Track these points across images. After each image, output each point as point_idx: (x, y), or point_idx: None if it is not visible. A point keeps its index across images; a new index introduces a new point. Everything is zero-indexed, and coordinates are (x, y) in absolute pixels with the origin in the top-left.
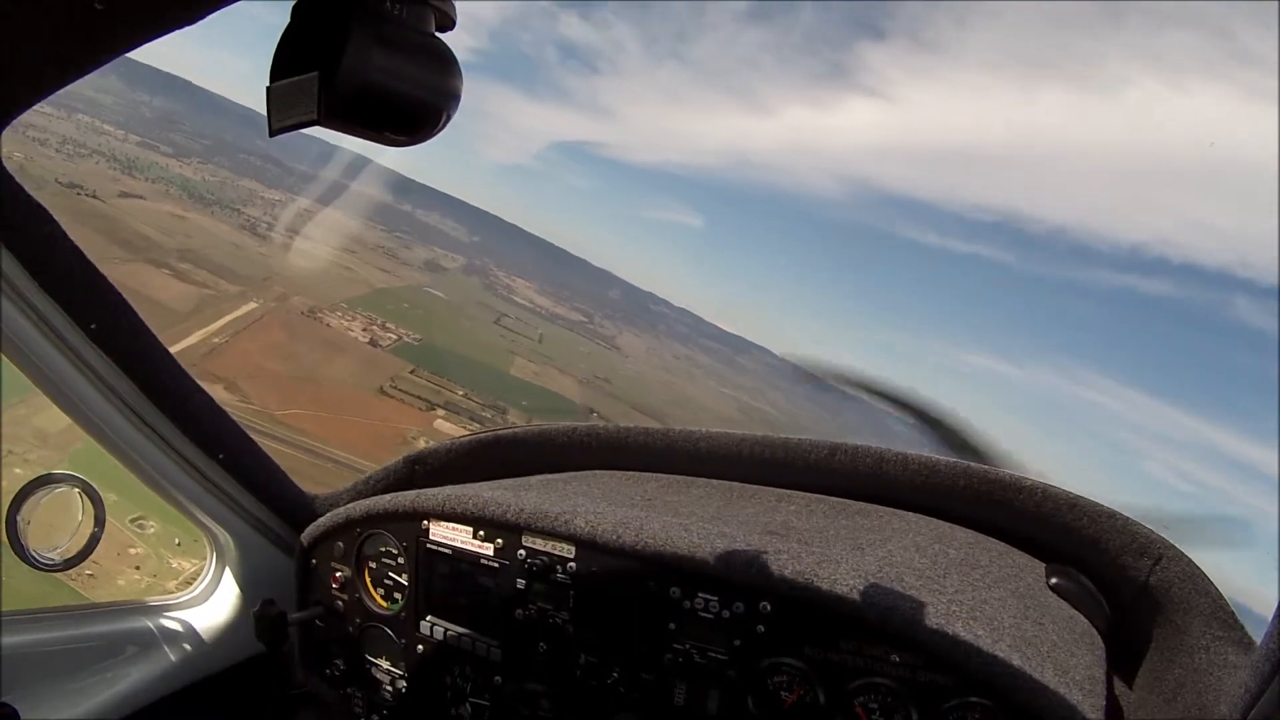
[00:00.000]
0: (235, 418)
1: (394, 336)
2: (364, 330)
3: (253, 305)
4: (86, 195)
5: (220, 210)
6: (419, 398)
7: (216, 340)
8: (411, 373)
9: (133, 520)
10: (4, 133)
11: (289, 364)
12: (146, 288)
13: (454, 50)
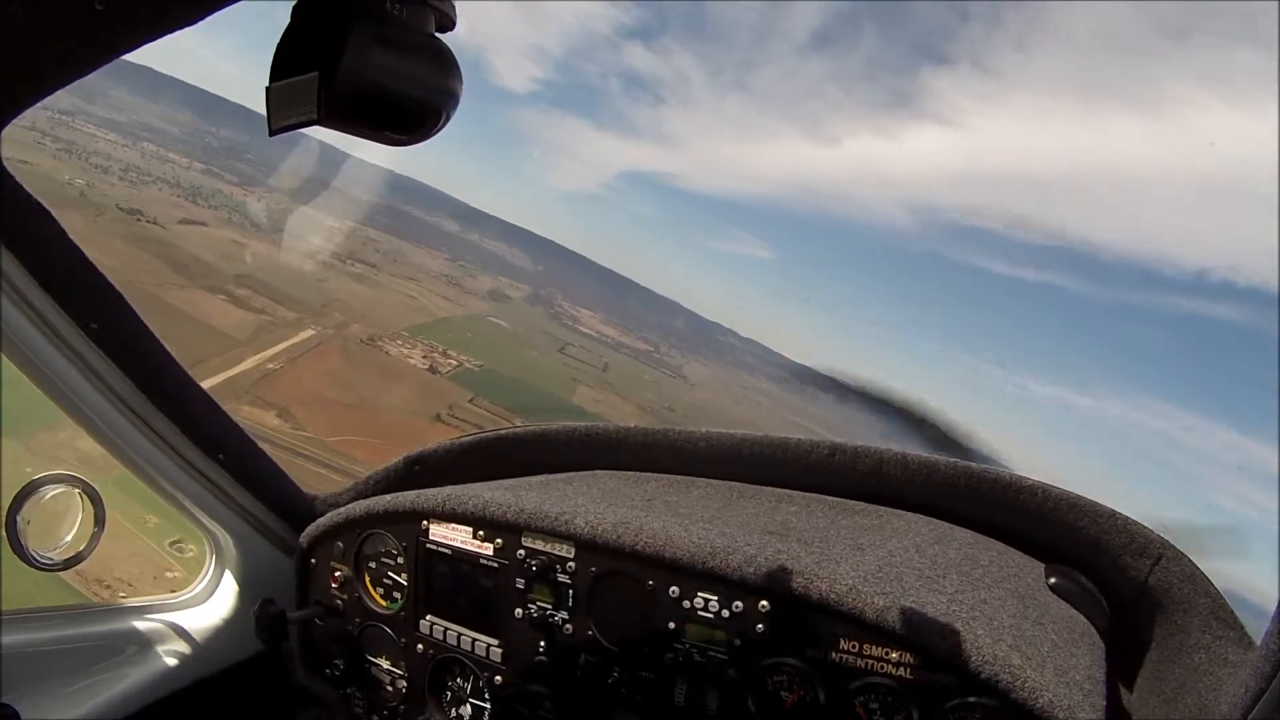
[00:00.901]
0: (235, 418)
1: (454, 364)
2: (424, 358)
3: (310, 332)
4: (147, 221)
5: (281, 237)
6: (477, 427)
7: (271, 366)
8: (470, 401)
9: (172, 544)
10: (4, 132)
11: (344, 391)
12: (201, 313)
13: (455, 52)
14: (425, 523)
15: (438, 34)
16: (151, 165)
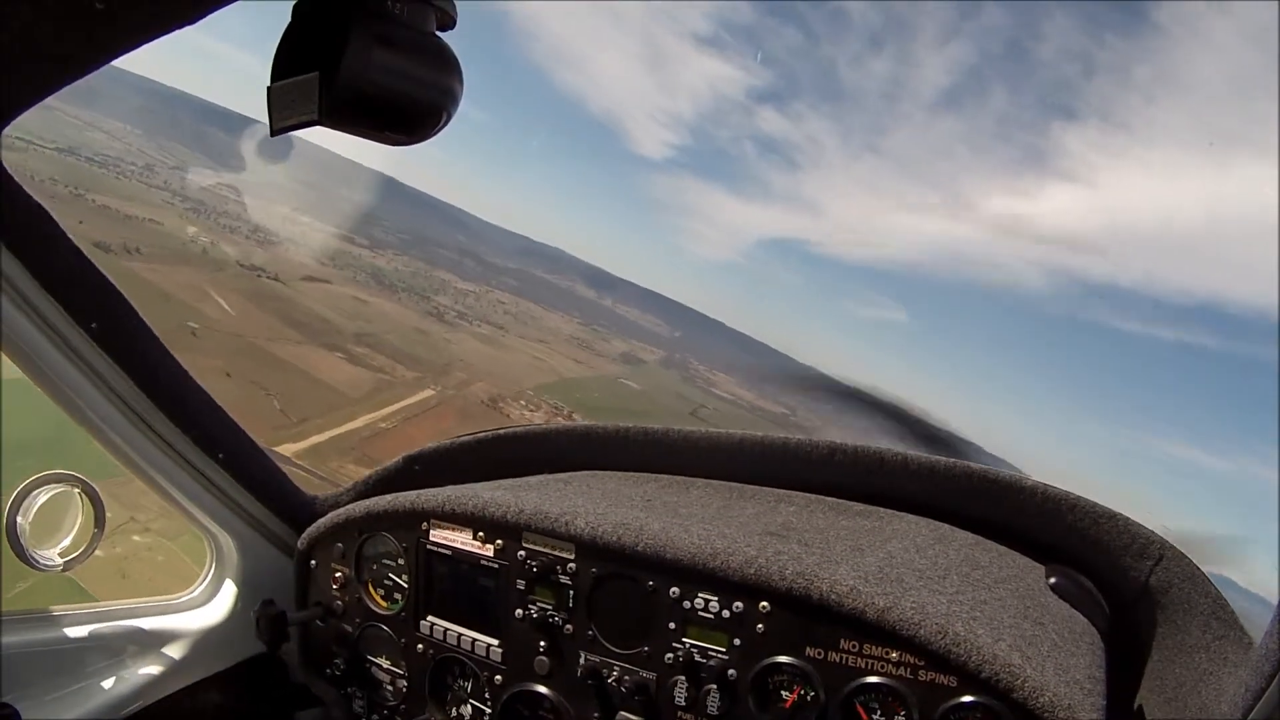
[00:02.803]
0: (235, 418)
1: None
2: (547, 418)
3: (429, 392)
4: (268, 278)
5: (408, 297)
6: None
7: (384, 425)
8: None
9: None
10: (4, 132)
11: None
12: (316, 369)
13: (456, 52)
14: (426, 524)
15: (439, 33)
16: (281, 227)
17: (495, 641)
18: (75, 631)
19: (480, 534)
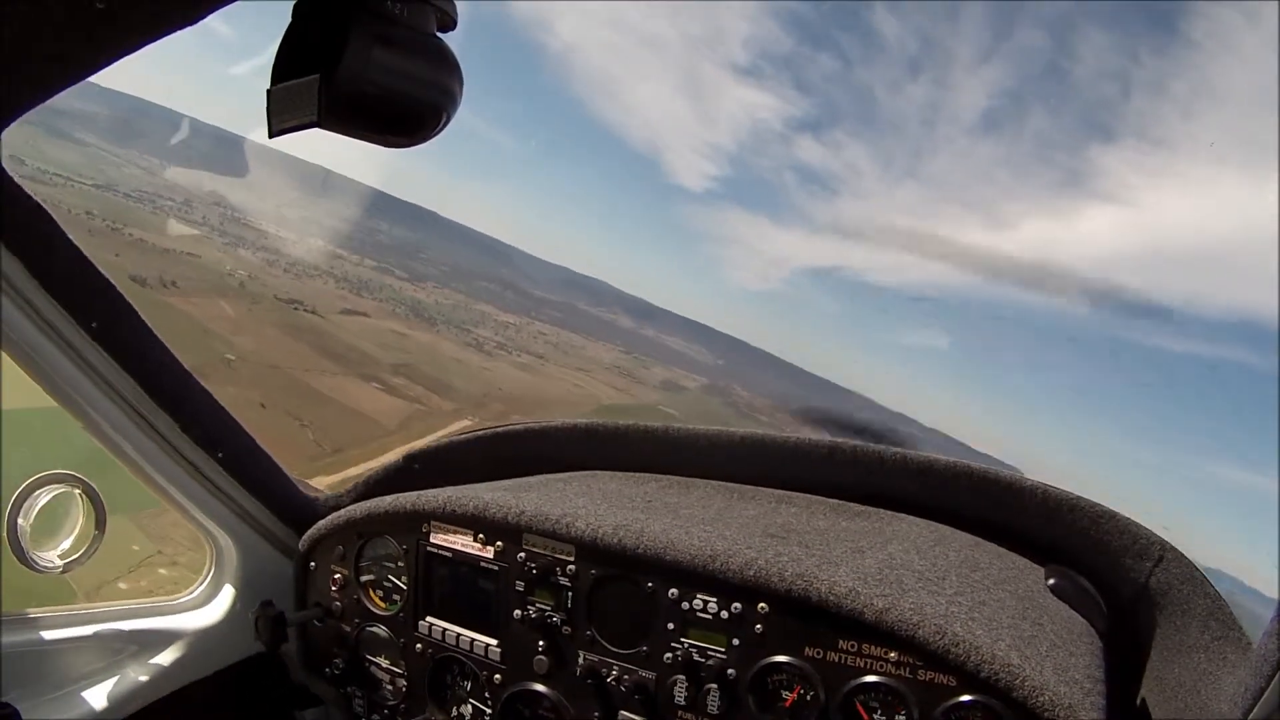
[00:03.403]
0: (236, 417)
1: None
2: None
3: (466, 422)
4: (305, 310)
5: (447, 329)
6: None
7: None
8: None
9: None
10: (4, 133)
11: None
12: (350, 400)
13: (456, 52)
14: (426, 526)
15: (439, 34)
16: (319, 260)
17: (494, 641)
18: (75, 631)
19: (480, 536)
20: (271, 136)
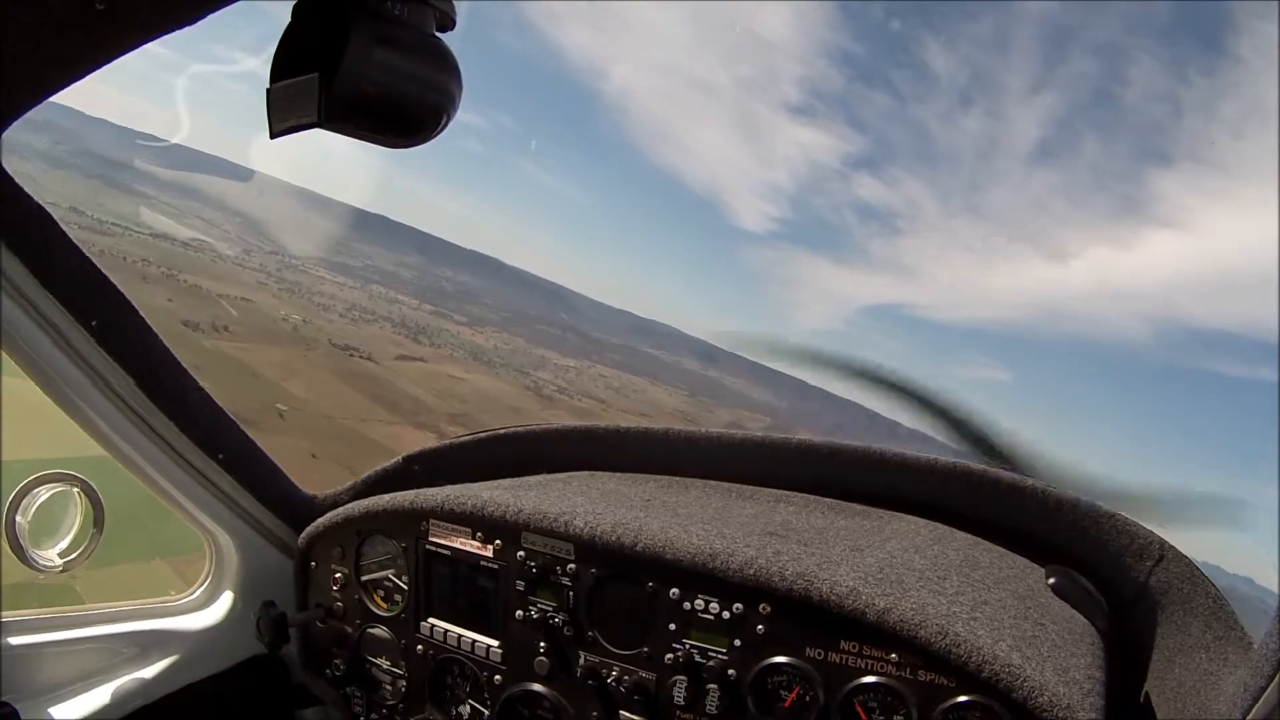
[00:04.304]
0: (235, 417)
1: None
2: None
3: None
4: (360, 357)
5: (506, 373)
6: None
7: None
8: None
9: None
10: (4, 133)
11: None
12: (405, 450)
13: (456, 53)
14: (425, 524)
15: (438, 34)
16: (378, 305)
17: (495, 642)
18: (75, 632)
19: (479, 534)
20: (273, 136)
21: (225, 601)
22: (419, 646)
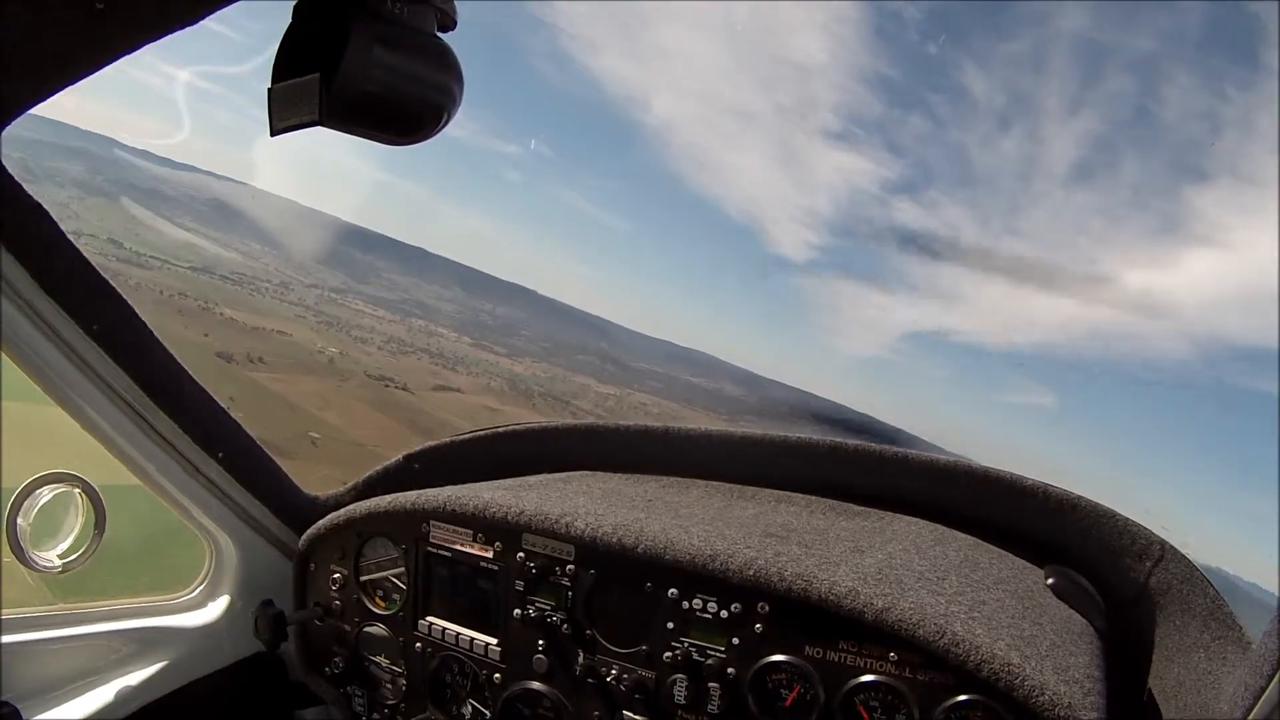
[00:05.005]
0: (235, 417)
1: None
2: None
3: None
4: (396, 387)
5: (544, 402)
6: None
7: None
8: None
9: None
10: (4, 133)
11: None
12: None
13: (457, 53)
14: (425, 525)
15: (439, 33)
16: (416, 338)
17: (493, 640)
18: (75, 631)
19: (480, 535)
20: (274, 135)
21: (224, 601)
22: (417, 644)
